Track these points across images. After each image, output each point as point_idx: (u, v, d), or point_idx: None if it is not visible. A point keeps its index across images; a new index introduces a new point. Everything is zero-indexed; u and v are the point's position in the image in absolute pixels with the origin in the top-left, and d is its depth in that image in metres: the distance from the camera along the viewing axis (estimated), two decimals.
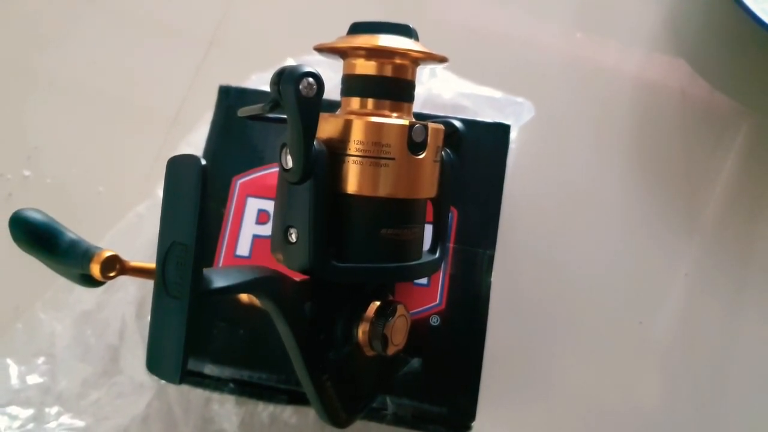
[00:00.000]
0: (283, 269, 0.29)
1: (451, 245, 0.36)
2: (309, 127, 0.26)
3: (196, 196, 0.22)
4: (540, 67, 0.52)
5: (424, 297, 0.36)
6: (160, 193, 0.45)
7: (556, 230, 0.47)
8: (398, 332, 0.30)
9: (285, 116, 0.26)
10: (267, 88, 0.47)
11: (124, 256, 0.46)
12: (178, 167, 0.23)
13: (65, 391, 0.43)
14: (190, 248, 0.22)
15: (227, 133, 0.38)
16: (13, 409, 0.43)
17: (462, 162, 0.36)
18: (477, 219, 0.37)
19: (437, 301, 0.36)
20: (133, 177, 0.49)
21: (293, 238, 0.28)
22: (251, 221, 0.37)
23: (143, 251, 0.44)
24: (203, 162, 0.22)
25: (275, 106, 0.27)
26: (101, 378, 0.44)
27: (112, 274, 0.27)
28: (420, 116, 0.38)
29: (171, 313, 0.23)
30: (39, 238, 0.28)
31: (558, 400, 0.43)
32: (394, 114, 0.30)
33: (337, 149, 0.29)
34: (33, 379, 0.44)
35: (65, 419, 0.43)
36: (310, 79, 0.26)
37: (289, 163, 0.28)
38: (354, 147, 0.29)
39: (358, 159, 0.29)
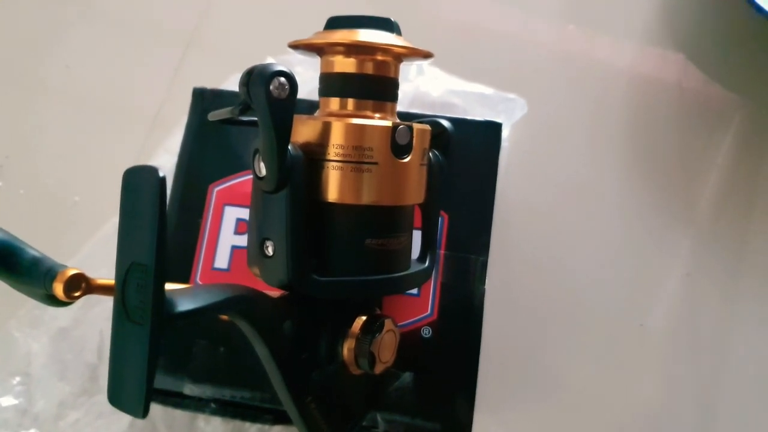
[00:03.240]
0: (262, 285, 0.27)
1: (441, 252, 0.34)
2: (282, 131, 0.24)
3: (154, 211, 0.20)
4: (532, 62, 0.50)
5: (415, 307, 0.34)
6: None
7: (552, 232, 0.45)
8: (386, 349, 0.28)
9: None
10: None
11: (101, 269, 0.44)
12: (134, 180, 0.21)
13: (42, 413, 0.41)
14: (149, 269, 0.20)
15: (202, 138, 0.36)
16: None
17: (451, 163, 0.34)
18: (468, 223, 0.35)
19: (428, 312, 0.34)
20: (110, 185, 0.47)
21: (270, 251, 0.26)
22: (229, 231, 0.35)
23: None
24: (161, 174, 0.20)
25: (246, 108, 0.25)
26: (80, 397, 0.42)
27: (77, 294, 0.25)
28: (406, 116, 0.36)
29: (133, 341, 0.21)
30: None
31: (558, 409, 0.41)
32: (377, 115, 0.28)
33: (315, 154, 0.27)
34: (8, 401, 0.42)
35: None
36: (282, 79, 0.24)
37: (263, 170, 0.25)
38: (333, 152, 0.27)
39: (339, 164, 0.27)
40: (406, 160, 0.27)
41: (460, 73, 0.46)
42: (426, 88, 0.46)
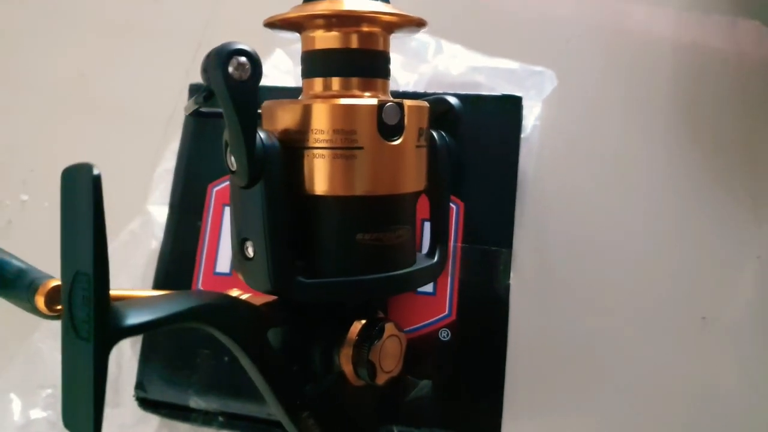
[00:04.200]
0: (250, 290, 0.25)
1: (458, 245, 0.31)
2: (246, 116, 0.22)
3: (89, 213, 0.18)
4: (564, 31, 0.45)
5: (431, 308, 0.30)
6: (151, 208, 0.42)
7: (594, 218, 0.40)
8: (389, 357, 0.25)
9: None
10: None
11: (119, 278, 0.42)
12: (70, 180, 0.19)
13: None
14: (90, 278, 0.18)
15: (200, 136, 0.34)
16: None
17: (464, 145, 0.31)
18: (488, 211, 0.31)
19: (446, 312, 0.30)
20: (128, 192, 0.46)
21: (250, 252, 0.24)
22: (230, 234, 0.32)
23: (138, 272, 0.40)
24: (96, 171, 0.18)
25: (209, 95, 0.23)
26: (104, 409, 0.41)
27: (59, 307, 0.24)
28: (413, 96, 0.33)
29: (80, 358, 0.19)
30: None
31: (601, 419, 0.37)
32: (367, 93, 0.25)
33: (295, 142, 0.24)
34: (37, 413, 0.41)
35: None
36: (242, 58, 0.21)
37: (234, 163, 0.23)
38: (314, 138, 0.24)
39: (320, 152, 0.24)
40: (396, 142, 0.24)
41: (482, 49, 0.42)
42: (445, 68, 0.42)
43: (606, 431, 0.37)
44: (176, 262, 0.33)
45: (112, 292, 0.23)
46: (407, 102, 0.25)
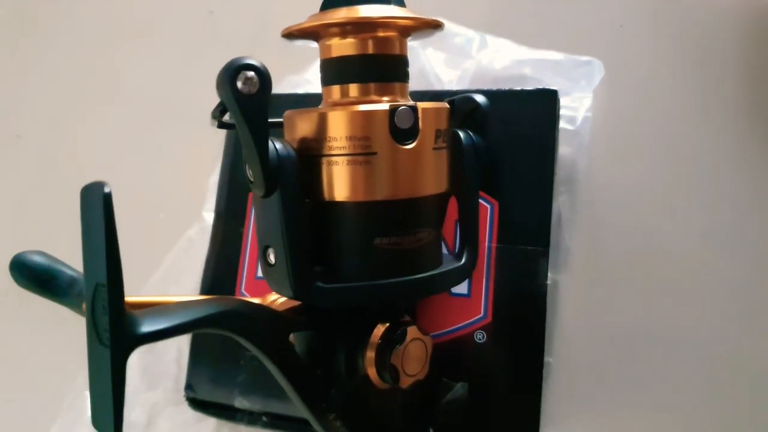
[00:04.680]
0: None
1: (493, 245, 0.30)
2: (257, 129, 0.22)
3: (101, 228, 0.19)
4: (615, 15, 0.43)
5: (465, 310, 0.30)
6: (206, 215, 0.44)
7: (652, 211, 0.38)
8: (413, 360, 0.25)
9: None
10: (300, 90, 0.44)
11: (182, 284, 0.44)
12: (86, 197, 0.20)
13: (135, 421, 0.43)
14: (105, 288, 0.19)
15: None
16: None
17: (496, 143, 0.30)
18: (523, 210, 0.30)
19: (482, 314, 0.30)
20: (187, 200, 0.48)
21: (272, 259, 0.24)
22: None
23: (195, 278, 0.42)
24: (107, 189, 0.19)
25: (224, 110, 0.23)
26: (167, 407, 0.43)
27: None
28: (447, 95, 0.32)
29: (102, 363, 0.20)
30: (37, 280, 0.27)
31: (660, 420, 0.35)
32: (385, 98, 0.25)
33: (312, 150, 0.24)
34: None
35: None
36: (249, 73, 0.22)
37: (251, 174, 0.24)
38: (329, 145, 0.24)
39: (335, 158, 0.24)
40: (411, 146, 0.24)
41: (529, 40, 0.41)
42: (489, 62, 0.41)
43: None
44: (221, 268, 0.34)
45: (140, 299, 0.24)
46: (422, 104, 0.24)
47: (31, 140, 0.56)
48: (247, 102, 0.22)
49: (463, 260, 0.27)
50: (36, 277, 0.27)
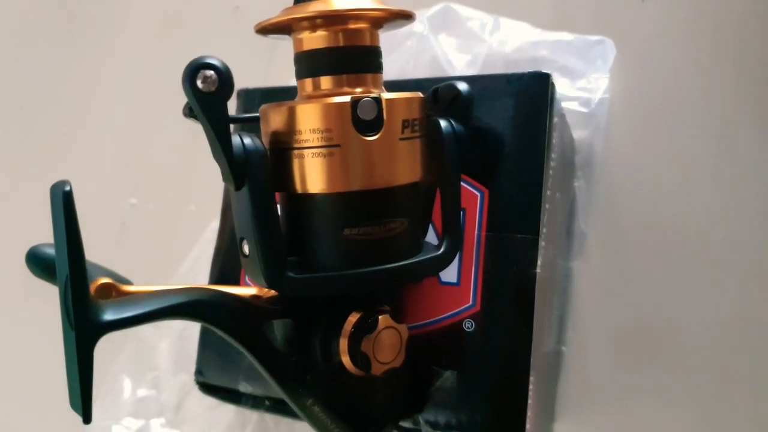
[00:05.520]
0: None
1: (482, 233, 0.30)
2: (219, 126, 0.23)
3: (61, 224, 0.20)
4: None
5: (454, 298, 0.30)
6: None
7: (675, 199, 0.37)
8: (385, 348, 0.26)
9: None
10: None
11: (203, 275, 0.45)
12: (52, 195, 0.21)
13: (167, 402, 0.46)
14: (68, 279, 0.21)
15: None
16: (128, 421, 0.46)
17: (485, 130, 0.30)
18: (513, 198, 0.30)
19: (470, 302, 0.30)
20: (218, 192, 0.50)
21: (246, 250, 0.25)
22: None
23: None
24: (67, 188, 0.20)
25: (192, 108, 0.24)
26: (194, 389, 0.45)
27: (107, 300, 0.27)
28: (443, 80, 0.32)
29: (70, 348, 0.21)
30: (51, 270, 0.29)
31: (674, 412, 0.33)
32: (358, 89, 0.25)
33: (283, 144, 0.25)
34: (143, 392, 0.47)
35: (168, 430, 0.45)
36: (208, 72, 0.22)
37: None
38: (296, 138, 0.25)
39: (302, 151, 0.24)
40: (374, 137, 0.24)
41: (548, 19, 0.40)
42: (501, 46, 0.40)
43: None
44: (229, 258, 0.36)
45: (136, 289, 0.25)
46: (386, 95, 0.25)
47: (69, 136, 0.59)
48: (206, 100, 0.22)
49: (442, 249, 0.27)
50: (49, 267, 0.29)
